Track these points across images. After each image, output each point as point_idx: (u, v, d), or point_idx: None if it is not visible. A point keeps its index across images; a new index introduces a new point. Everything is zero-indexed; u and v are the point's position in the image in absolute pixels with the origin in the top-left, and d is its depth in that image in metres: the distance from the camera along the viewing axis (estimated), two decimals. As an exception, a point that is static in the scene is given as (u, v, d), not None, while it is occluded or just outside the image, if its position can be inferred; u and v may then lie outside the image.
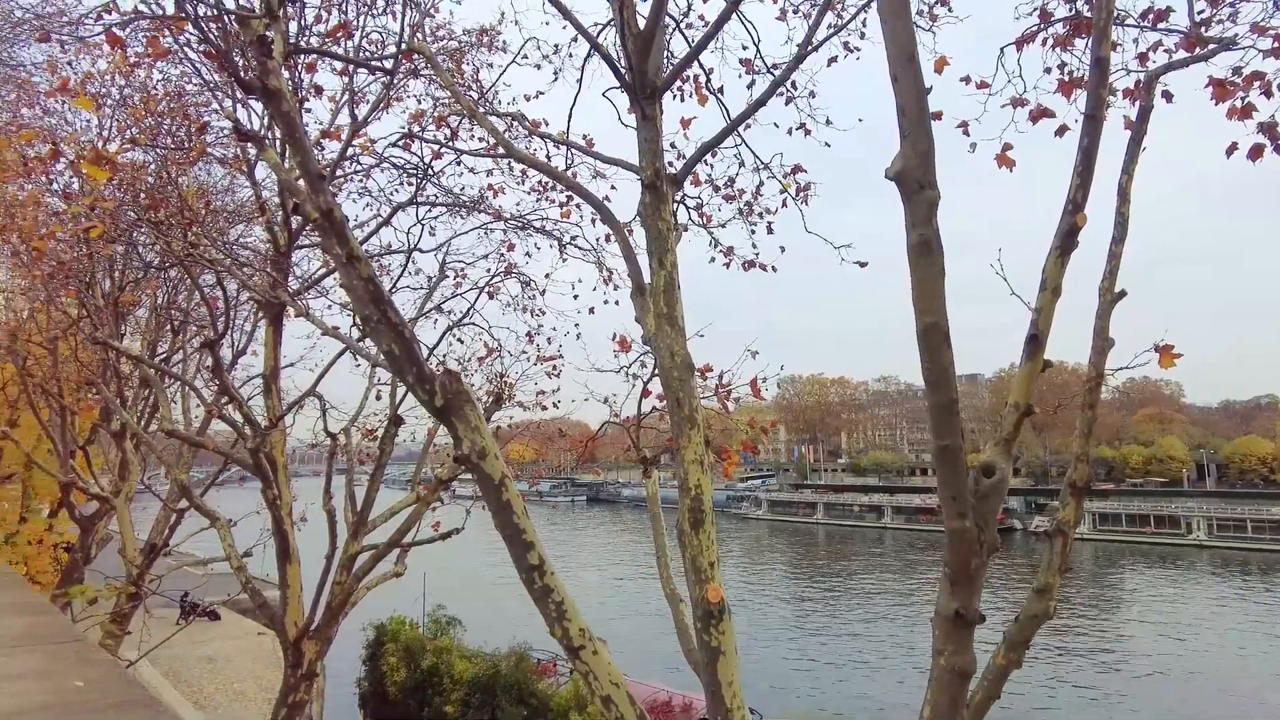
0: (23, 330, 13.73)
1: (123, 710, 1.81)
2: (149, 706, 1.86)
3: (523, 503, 4.10)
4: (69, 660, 2.28)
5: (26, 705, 1.87)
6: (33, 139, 6.71)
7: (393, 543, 7.99)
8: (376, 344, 4.07)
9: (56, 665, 2.25)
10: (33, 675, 2.15)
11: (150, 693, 2.09)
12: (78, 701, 1.88)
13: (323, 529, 8.60)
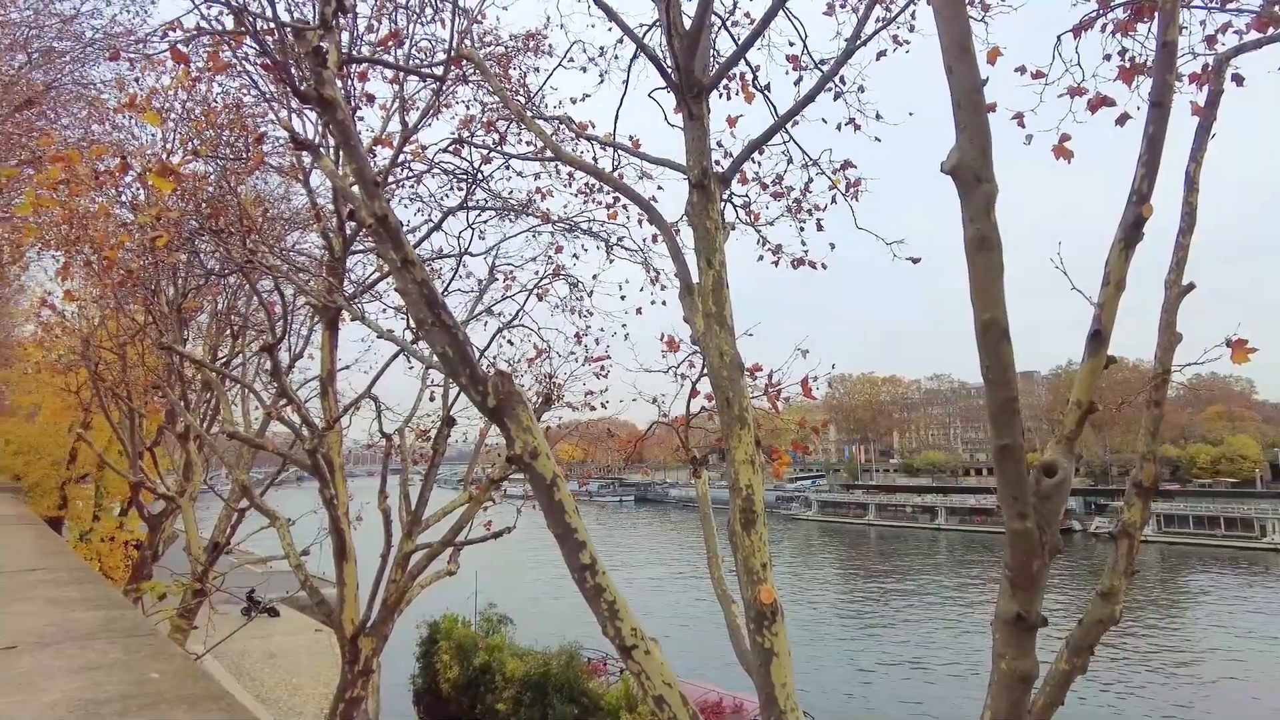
0: (95, 337, 14.30)
1: (198, 702, 1.87)
2: (222, 699, 1.92)
3: (574, 502, 4.12)
4: (144, 653, 2.36)
5: (109, 694, 1.95)
6: (104, 154, 6.99)
7: (446, 542, 8.11)
8: (431, 346, 4.14)
9: (133, 657, 2.33)
10: (112, 665, 2.23)
11: (221, 686, 2.15)
12: (155, 692, 1.95)
13: (377, 527, 8.77)
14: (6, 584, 3.77)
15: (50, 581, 3.97)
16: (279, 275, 7.50)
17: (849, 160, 6.99)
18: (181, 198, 7.54)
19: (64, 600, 3.40)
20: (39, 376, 20.64)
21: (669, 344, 6.02)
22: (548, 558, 42.60)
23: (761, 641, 4.24)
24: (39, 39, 20.36)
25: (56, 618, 3.02)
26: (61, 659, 2.37)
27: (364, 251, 9.41)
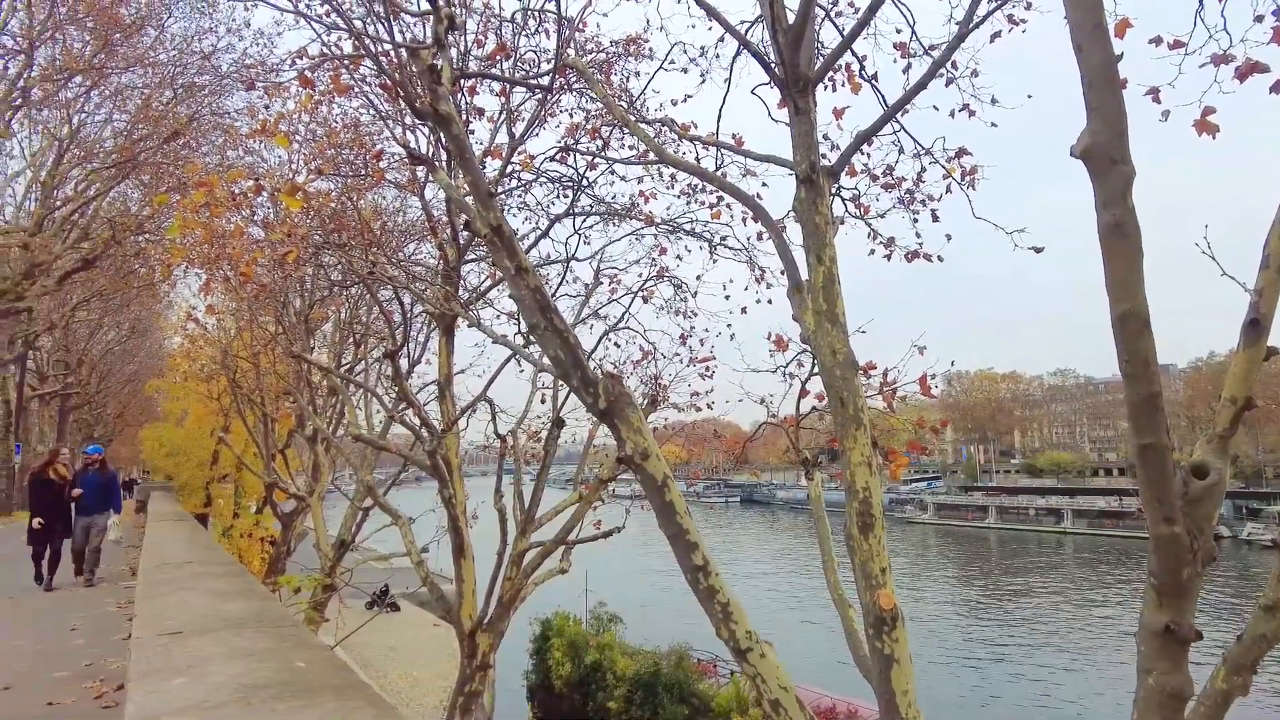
0: (232, 347, 15.39)
1: (342, 691, 1.98)
2: (363, 690, 2.03)
3: (685, 503, 4.13)
4: (290, 643, 2.52)
5: (263, 679, 2.09)
6: (240, 177, 7.51)
7: (558, 540, 8.29)
8: (543, 350, 4.24)
9: (281, 646, 2.49)
10: (264, 653, 2.39)
11: (360, 677, 2.27)
12: (303, 680, 2.07)
13: (491, 525, 9.05)
14: (173, 575, 4.11)
15: (205, 574, 4.29)
16: (398, 285, 7.85)
17: (964, 147, 6.71)
18: (307, 214, 8.01)
19: (218, 591, 3.65)
20: (186, 384, 22.47)
21: (777, 343, 5.93)
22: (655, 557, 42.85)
23: (881, 647, 4.12)
24: (183, 75, 22.16)
25: (212, 607, 3.25)
26: (220, 645, 2.54)
27: (477, 260, 9.74)
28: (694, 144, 7.13)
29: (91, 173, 23.29)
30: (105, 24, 20.07)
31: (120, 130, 23.22)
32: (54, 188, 23.83)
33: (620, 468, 8.25)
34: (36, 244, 21.55)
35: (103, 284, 27.01)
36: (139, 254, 23.84)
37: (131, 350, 43.84)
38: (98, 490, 11.24)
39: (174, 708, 1.87)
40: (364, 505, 12.68)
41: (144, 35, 21.38)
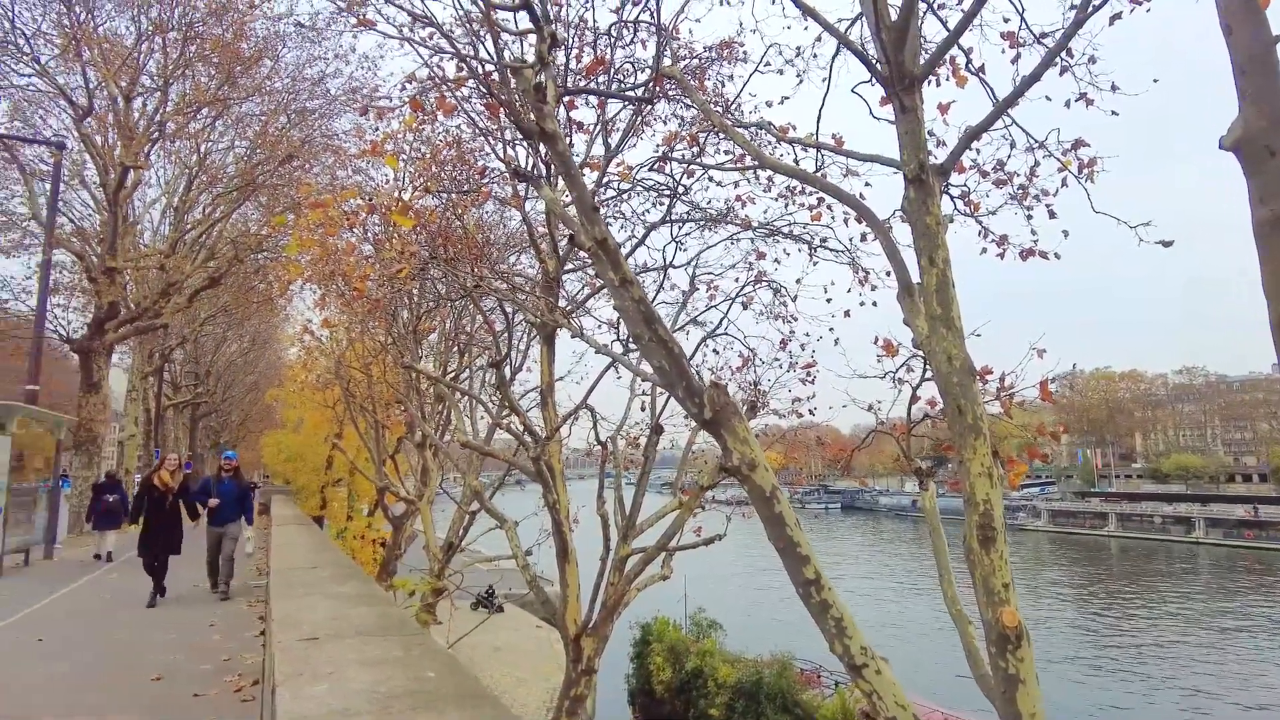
0: (345, 357, 16.16)
1: (473, 702, 2.03)
2: (493, 701, 2.07)
3: (795, 515, 4.05)
4: (418, 651, 2.60)
5: (397, 688, 2.16)
6: (351, 196, 7.89)
7: (660, 547, 8.30)
8: (648, 360, 4.25)
9: (409, 654, 2.57)
10: (395, 661, 2.47)
11: (486, 687, 2.32)
12: (434, 690, 2.13)
13: (589, 530, 9.15)
14: (300, 579, 4.33)
15: (329, 578, 4.50)
16: (502, 297, 8.06)
17: (1081, 139, 6.34)
18: (415, 231, 8.33)
19: (343, 596, 3.81)
20: (303, 393, 23.72)
21: (886, 348, 5.76)
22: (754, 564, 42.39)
23: (1005, 667, 3.93)
24: (295, 101, 23.52)
25: (340, 611, 3.38)
26: (352, 651, 2.63)
27: (576, 270, 9.89)
28: (793, 146, 7.02)
29: (217, 197, 25.03)
30: (228, 59, 21.52)
31: (241, 156, 24.87)
32: (185, 212, 25.72)
33: (721, 475, 8.21)
34: (171, 265, 23.28)
35: (227, 300, 28.95)
36: (259, 271, 25.45)
37: (252, 361, 46.79)
38: (233, 499, 10.89)
39: (320, 714, 1.96)
40: (470, 509, 13.06)
41: (261, 66, 22.82)
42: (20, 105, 22.72)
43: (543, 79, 4.05)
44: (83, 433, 21.82)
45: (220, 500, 10.70)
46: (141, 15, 21.59)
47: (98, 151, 22.37)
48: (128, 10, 21.65)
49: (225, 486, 10.88)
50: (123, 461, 29.39)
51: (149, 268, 24.63)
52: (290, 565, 5.29)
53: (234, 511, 10.88)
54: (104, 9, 21.42)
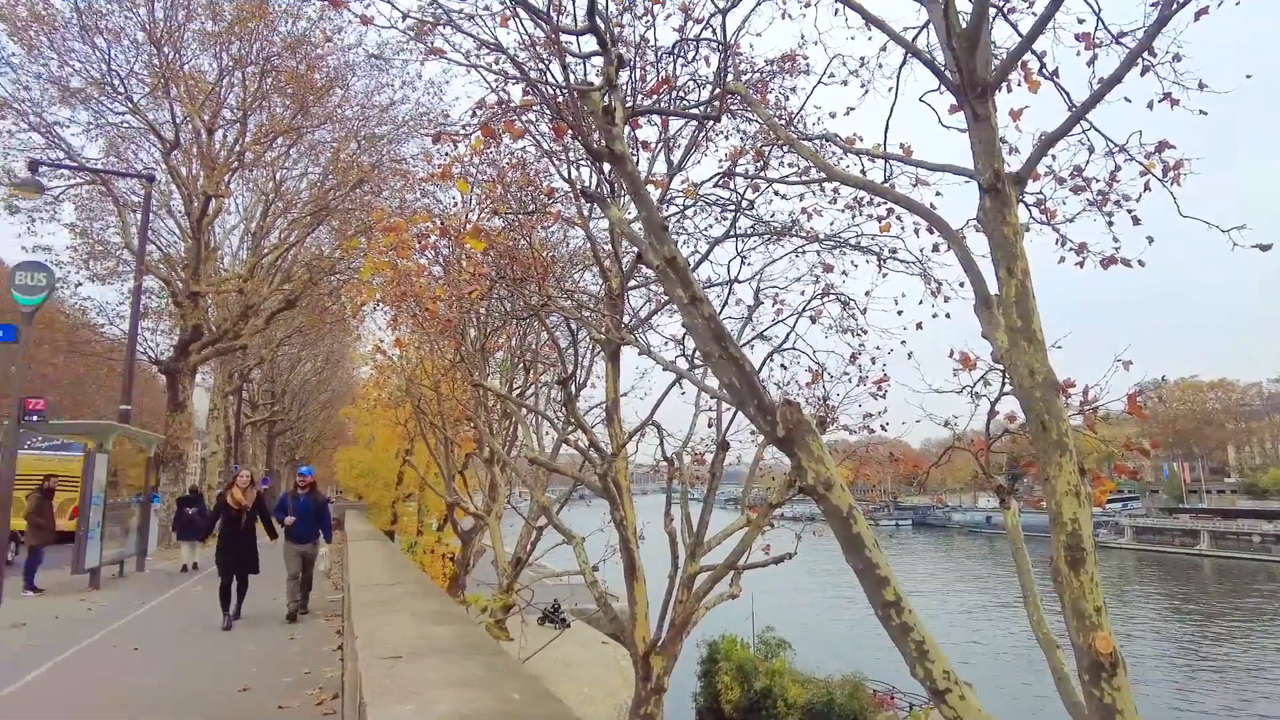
0: (415, 376, 16.54)
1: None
2: (579, 728, 2.07)
3: (873, 535, 3.96)
4: (500, 670, 2.61)
5: (482, 710, 2.17)
6: (424, 220, 8.10)
7: (728, 565, 8.22)
8: (718, 378, 4.22)
9: (492, 675, 2.59)
10: (479, 682, 2.49)
11: (571, 710, 2.31)
12: (520, 713, 2.13)
13: (655, 546, 9.11)
14: (379, 596, 4.43)
15: (407, 595, 4.58)
16: (568, 314, 8.14)
17: (1165, 141, 6.08)
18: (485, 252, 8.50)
19: (422, 613, 3.87)
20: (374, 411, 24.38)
21: (963, 361, 5.60)
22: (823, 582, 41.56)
23: (1100, 696, 3.74)
24: (365, 128, 24.34)
25: (420, 630, 3.43)
26: (435, 671, 2.66)
27: (639, 286, 9.93)
28: (860, 157, 6.93)
29: (292, 222, 26.04)
30: (302, 89, 22.43)
31: (314, 182, 25.83)
32: (262, 237, 26.81)
33: (790, 492, 8.09)
34: (249, 288, 24.27)
35: (302, 321, 29.97)
36: (332, 293, 26.32)
37: (326, 380, 48.32)
38: (310, 516, 10.64)
39: (409, 736, 1.99)
40: (538, 524, 13.17)
41: (332, 95, 23.72)
42: (115, 141, 24.11)
43: (610, 101, 4.09)
44: (169, 450, 22.82)
45: (297, 518, 10.51)
46: (223, 52, 22.68)
47: (183, 182, 23.55)
48: (210, 48, 22.78)
49: (301, 503, 10.65)
50: (205, 477, 30.63)
51: (229, 291, 25.72)
52: (368, 581, 5.41)
53: (311, 529, 10.68)
54: (189, 48, 22.60)
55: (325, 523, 10.95)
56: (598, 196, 4.85)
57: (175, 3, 21.66)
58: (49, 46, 21.20)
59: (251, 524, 10.25)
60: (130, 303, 20.57)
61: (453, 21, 4.83)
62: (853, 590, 4.04)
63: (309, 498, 10.73)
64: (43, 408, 12.66)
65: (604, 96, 4.20)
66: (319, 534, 10.83)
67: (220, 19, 22.05)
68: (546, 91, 4.86)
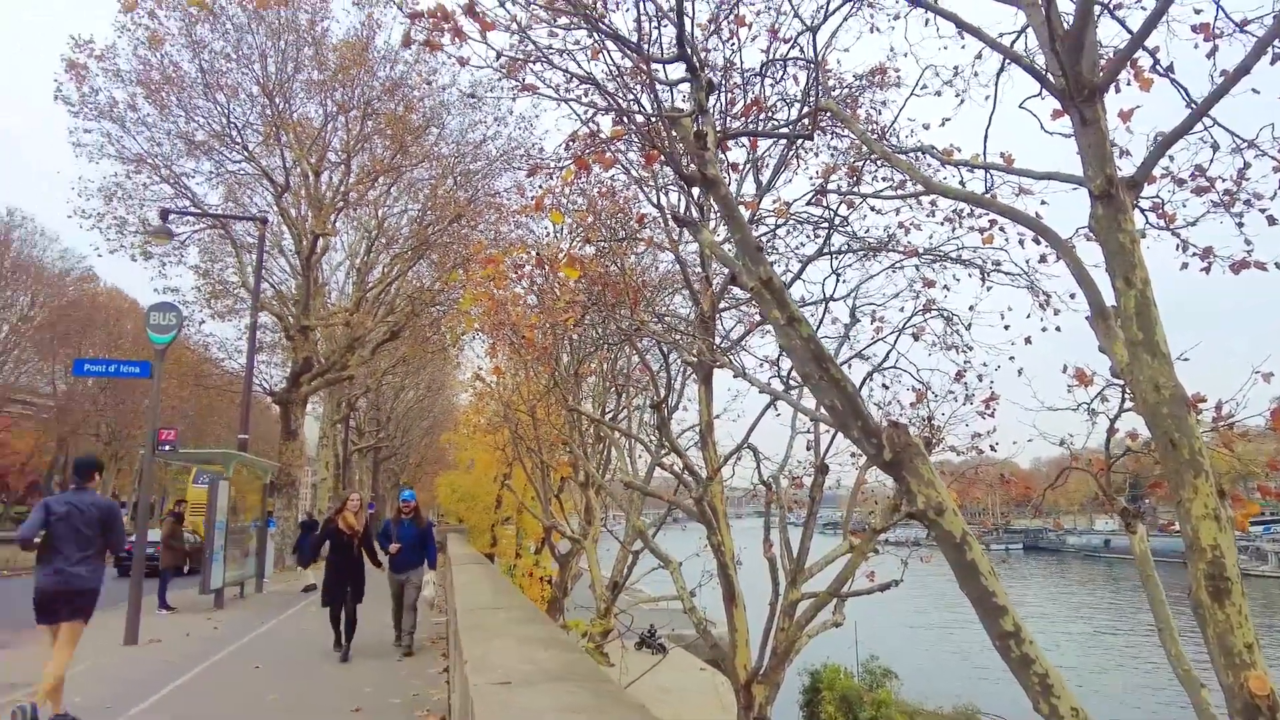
0: (513, 402, 16.92)
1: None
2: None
3: (989, 562, 3.78)
4: (609, 699, 2.61)
5: (594, 742, 2.16)
6: (522, 251, 8.32)
7: (831, 592, 7.99)
8: (819, 400, 4.14)
9: (600, 701, 2.58)
10: (588, 710, 2.49)
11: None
12: (632, 746, 2.12)
13: (752, 571, 8.94)
14: (484, 620, 4.51)
15: (512, 620, 4.64)
16: (659, 339, 8.17)
17: (1301, 133, 5.64)
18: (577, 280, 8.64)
19: (529, 638, 3.91)
20: (473, 436, 25.06)
21: (1078, 376, 5.31)
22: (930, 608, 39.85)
23: (1254, 740, 3.43)
24: (460, 164, 25.33)
25: (527, 655, 3.46)
26: (545, 698, 2.68)
27: (731, 308, 9.89)
28: (958, 168, 6.72)
29: (394, 257, 27.27)
30: (400, 130, 23.57)
31: (414, 218, 27.02)
32: (366, 272, 28.16)
33: (895, 517, 7.82)
34: (355, 321, 25.47)
35: (404, 351, 31.23)
36: (433, 323, 27.36)
37: (427, 407, 50.06)
38: (414, 542, 10.11)
39: (525, 765, 2.00)
40: (634, 548, 13.18)
41: (429, 134, 24.82)
42: (233, 188, 25.96)
43: (701, 125, 4.11)
44: (283, 476, 24.07)
45: (400, 544, 9.97)
46: (327, 99, 24.11)
47: (293, 223, 25.04)
48: (316, 96, 24.26)
49: (405, 529, 10.10)
50: (315, 503, 32.13)
51: (336, 325, 27.08)
52: (474, 605, 5.52)
53: (415, 556, 10.14)
54: (297, 97, 24.14)
55: (430, 549, 10.48)
56: (689, 221, 4.86)
57: (285, 56, 23.20)
58: (177, 105, 23.07)
59: (362, 551, 9.90)
60: (247, 338, 21.91)
61: (545, 57, 4.97)
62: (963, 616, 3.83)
63: (412, 523, 10.22)
64: (174, 438, 13.57)
65: (695, 122, 4.23)
66: (422, 561, 10.32)
67: (325, 68, 23.47)
68: (637, 120, 4.93)
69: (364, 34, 23.40)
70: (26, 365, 47.09)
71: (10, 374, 45.76)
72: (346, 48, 23.44)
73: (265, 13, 22.42)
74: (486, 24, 4.64)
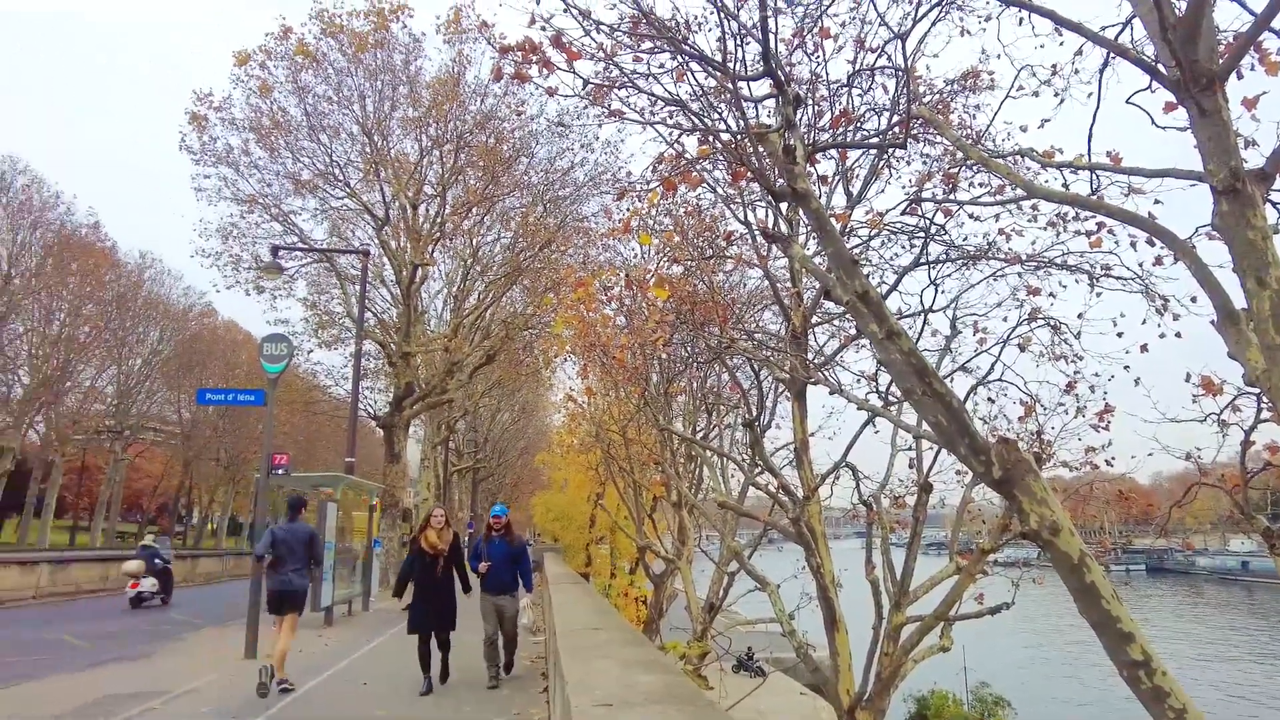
0: (604, 422, 17.07)
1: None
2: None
3: (1111, 586, 3.54)
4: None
5: (700, 767, 2.13)
6: (611, 274, 8.43)
7: (938, 616, 7.67)
8: (922, 416, 4.00)
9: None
10: (694, 736, 2.45)
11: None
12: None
13: (854, 594, 8.68)
14: (584, 642, 4.53)
15: (611, 641, 4.65)
16: (750, 355, 8.09)
17: None
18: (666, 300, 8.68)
19: (629, 660, 3.90)
20: (567, 456, 25.42)
21: (1205, 385, 4.95)
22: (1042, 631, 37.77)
23: None
24: (549, 191, 25.98)
25: (629, 677, 3.45)
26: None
27: (823, 323, 9.71)
28: (1060, 170, 6.42)
29: (489, 284, 28.13)
30: (491, 161, 24.38)
31: (506, 245, 27.83)
32: (462, 299, 29.11)
33: (1004, 537, 7.46)
34: (453, 346, 26.32)
35: (500, 374, 32.04)
36: (526, 347, 28.04)
37: (522, 428, 51.19)
38: (506, 562, 9.22)
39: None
40: (729, 569, 13.02)
41: (519, 164, 25.58)
42: (336, 223, 27.39)
43: (790, 140, 4.07)
44: (388, 498, 24.97)
45: (491, 564, 9.14)
46: (422, 134, 25.19)
47: (393, 254, 26.17)
48: (412, 132, 25.38)
49: (496, 547, 9.21)
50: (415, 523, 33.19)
51: (435, 350, 28.05)
52: (574, 625, 5.56)
53: (508, 577, 9.24)
54: (394, 134, 25.33)
55: (525, 569, 9.53)
56: (779, 236, 4.81)
57: (382, 95, 24.42)
58: (285, 147, 24.59)
59: (449, 572, 9.04)
60: (352, 365, 22.93)
61: (630, 82, 5.03)
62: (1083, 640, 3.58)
63: (504, 540, 9.27)
64: (286, 462, 14.35)
65: (783, 137, 4.19)
66: (517, 583, 9.40)
67: (419, 105, 24.55)
68: (723, 139, 4.93)
69: (455, 70, 24.37)
70: (156, 395, 50.86)
71: (143, 403, 49.54)
72: (439, 84, 24.47)
73: (363, 56, 23.70)
74: (573, 53, 4.75)
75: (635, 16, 4.83)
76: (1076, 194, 5.98)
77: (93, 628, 15.00)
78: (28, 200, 37.02)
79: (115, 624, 15.93)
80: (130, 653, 11.84)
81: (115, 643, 13.01)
